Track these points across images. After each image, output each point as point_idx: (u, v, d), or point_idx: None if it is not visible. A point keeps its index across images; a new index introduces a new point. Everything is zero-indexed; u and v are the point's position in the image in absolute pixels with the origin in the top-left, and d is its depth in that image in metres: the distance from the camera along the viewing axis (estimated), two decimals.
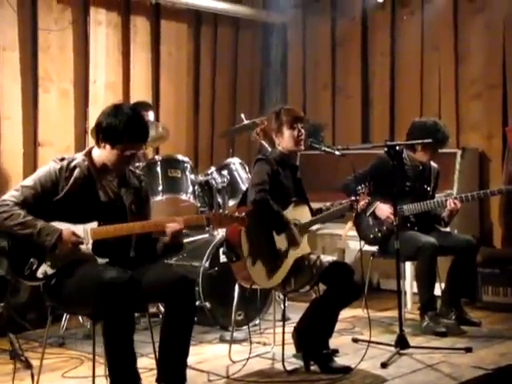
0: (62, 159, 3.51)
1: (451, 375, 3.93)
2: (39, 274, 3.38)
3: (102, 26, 6.39)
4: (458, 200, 4.96)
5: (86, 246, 3.41)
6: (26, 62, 5.97)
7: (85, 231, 3.42)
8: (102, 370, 3.67)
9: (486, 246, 6.12)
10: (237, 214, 3.64)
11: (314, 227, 4.51)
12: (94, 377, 3.46)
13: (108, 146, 3.46)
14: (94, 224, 3.44)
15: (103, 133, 3.45)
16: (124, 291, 3.23)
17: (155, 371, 3.52)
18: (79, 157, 3.53)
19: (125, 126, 3.41)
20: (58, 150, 5.96)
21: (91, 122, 5.73)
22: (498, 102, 6.36)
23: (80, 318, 4.86)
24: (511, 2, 6.20)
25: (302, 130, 4.23)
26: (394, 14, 7.01)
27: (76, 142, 6.19)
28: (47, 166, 3.51)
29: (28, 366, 3.84)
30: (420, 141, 4.96)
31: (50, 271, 3.38)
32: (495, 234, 6.34)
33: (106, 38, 6.42)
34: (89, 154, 3.55)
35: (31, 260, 3.36)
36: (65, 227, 3.39)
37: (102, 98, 6.34)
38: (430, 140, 4.94)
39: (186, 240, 4.78)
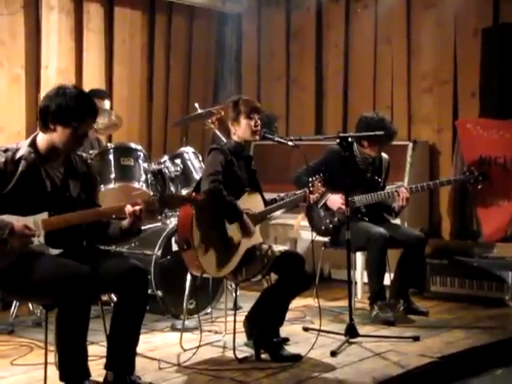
0: (6, 150, 3.41)
1: (399, 363, 3.99)
2: None
3: (55, 11, 6.29)
4: (408, 190, 5.05)
5: (38, 239, 3.34)
6: None
7: (35, 223, 3.34)
8: (51, 357, 3.63)
9: (435, 238, 6.23)
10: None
11: (268, 217, 4.53)
12: (46, 364, 3.43)
13: (59, 128, 3.39)
14: (45, 215, 3.37)
15: (53, 115, 3.38)
16: (83, 284, 3.20)
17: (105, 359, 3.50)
18: (24, 147, 3.44)
19: (75, 103, 3.38)
20: (8, 136, 5.89)
21: None
22: (448, 96, 6.47)
23: (30, 305, 4.81)
24: None
25: (259, 121, 4.26)
26: (348, 7, 7.07)
27: (27, 128, 6.09)
28: None
29: None
30: (372, 133, 5.00)
31: (2, 266, 3.29)
32: (444, 226, 6.46)
33: (58, 24, 6.33)
34: (34, 143, 3.47)
35: None
36: (14, 220, 3.30)
37: (54, 83, 6.21)
38: (381, 132, 5.00)
39: None
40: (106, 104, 5.73)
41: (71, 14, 6.43)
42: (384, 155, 5.35)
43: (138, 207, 3.42)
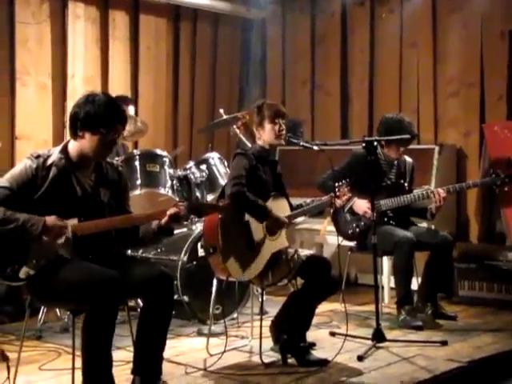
0: (38, 156, 3.44)
1: (427, 368, 3.96)
2: (21, 274, 3.31)
3: (81, 20, 6.38)
4: (445, 190, 5.00)
5: (67, 236, 3.35)
6: (3, 56, 5.95)
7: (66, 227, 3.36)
8: (79, 362, 3.64)
9: (463, 241, 6.18)
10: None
11: (294, 221, 4.53)
12: (73, 369, 3.44)
13: (88, 135, 3.42)
14: (75, 220, 3.39)
15: (82, 122, 3.41)
16: (112, 288, 3.22)
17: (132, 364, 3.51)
18: (55, 154, 3.47)
19: (105, 110, 3.41)
20: (35, 144, 5.96)
21: None
22: (475, 99, 6.42)
23: (58, 311, 4.85)
24: (489, 1, 6.26)
25: (283, 125, 4.26)
26: (373, 12, 7.06)
27: (54, 136, 6.18)
28: (22, 163, 3.44)
29: (4, 358, 3.81)
30: (398, 136, 4.98)
31: (32, 271, 3.32)
32: (471, 230, 6.41)
33: (84, 32, 6.41)
34: (65, 150, 3.50)
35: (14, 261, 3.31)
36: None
37: (81, 92, 6.20)
38: (407, 136, 4.98)
39: None
40: (131, 110, 5.77)
41: (97, 23, 6.51)
42: (408, 159, 5.32)
43: (177, 211, 3.43)
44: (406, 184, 5.23)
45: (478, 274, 5.65)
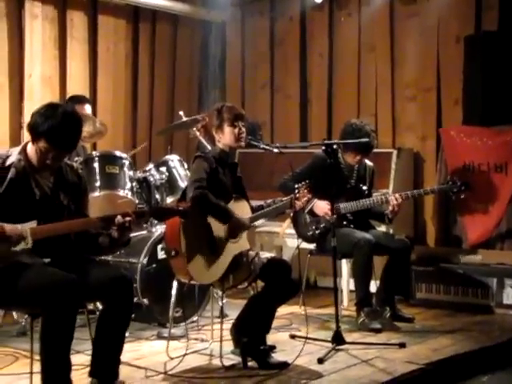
0: None
1: (385, 370, 4.00)
2: None
3: (38, 20, 6.28)
4: (399, 197, 5.05)
5: (27, 246, 3.30)
6: None
7: (24, 231, 3.29)
8: (37, 367, 3.59)
9: (420, 245, 6.25)
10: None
11: (255, 224, 4.53)
12: (31, 373, 3.40)
13: (31, 143, 3.40)
14: (33, 223, 3.34)
15: (29, 128, 3.38)
16: (70, 292, 3.18)
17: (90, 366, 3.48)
18: (14, 155, 3.42)
19: (48, 128, 3.31)
20: None
21: (26, 117, 5.60)
22: (432, 104, 6.51)
23: (14, 314, 4.77)
24: (445, 7, 6.35)
25: (243, 128, 4.26)
26: (332, 16, 7.10)
27: (10, 137, 6.06)
28: None
29: None
30: (356, 140, 5.03)
31: None
32: (429, 233, 6.49)
33: (42, 32, 6.31)
34: (24, 151, 3.45)
35: None
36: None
37: (38, 92, 6.23)
38: (366, 139, 5.03)
39: None
40: (88, 109, 5.69)
41: (55, 22, 6.42)
42: (368, 163, 5.37)
43: (128, 218, 3.40)
44: (365, 188, 5.27)
45: (435, 277, 5.72)
